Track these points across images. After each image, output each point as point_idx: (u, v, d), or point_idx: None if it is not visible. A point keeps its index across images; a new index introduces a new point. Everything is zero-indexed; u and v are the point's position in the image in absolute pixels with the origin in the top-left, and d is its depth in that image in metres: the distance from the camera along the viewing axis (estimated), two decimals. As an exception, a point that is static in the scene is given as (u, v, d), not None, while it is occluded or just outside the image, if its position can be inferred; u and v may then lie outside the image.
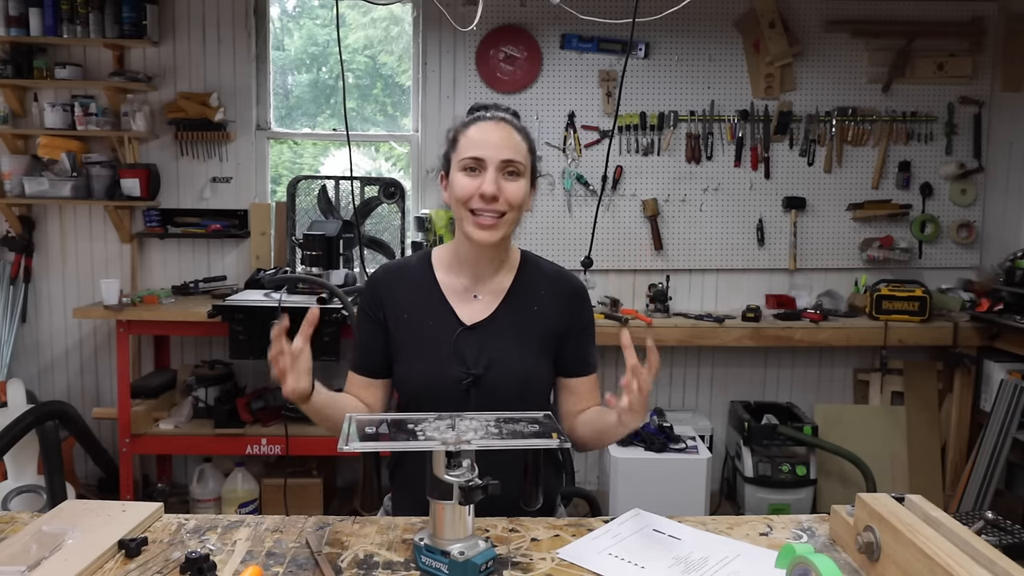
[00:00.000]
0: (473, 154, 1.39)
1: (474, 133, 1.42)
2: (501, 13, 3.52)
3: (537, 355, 1.47)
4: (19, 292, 3.56)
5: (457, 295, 1.49)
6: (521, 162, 1.41)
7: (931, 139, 3.66)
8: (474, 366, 1.42)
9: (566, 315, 1.50)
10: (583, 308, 1.53)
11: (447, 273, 1.51)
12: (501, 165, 1.39)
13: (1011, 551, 1.13)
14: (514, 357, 1.44)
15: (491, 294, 1.49)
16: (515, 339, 1.45)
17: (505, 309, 1.48)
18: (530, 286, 1.50)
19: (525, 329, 1.47)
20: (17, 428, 2.87)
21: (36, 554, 1.07)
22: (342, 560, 1.13)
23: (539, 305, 1.49)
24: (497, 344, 1.44)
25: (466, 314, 1.47)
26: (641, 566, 1.13)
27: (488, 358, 1.43)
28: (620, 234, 3.66)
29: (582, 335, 1.51)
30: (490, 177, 1.38)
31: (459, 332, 1.45)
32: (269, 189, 3.72)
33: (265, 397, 3.37)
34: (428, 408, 1.38)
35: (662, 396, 3.77)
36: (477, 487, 1.07)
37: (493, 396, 1.41)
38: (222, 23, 3.53)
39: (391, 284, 1.51)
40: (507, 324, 1.46)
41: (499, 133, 1.41)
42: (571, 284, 1.54)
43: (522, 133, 1.45)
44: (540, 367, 1.47)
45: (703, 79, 3.60)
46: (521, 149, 1.42)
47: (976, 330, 3.34)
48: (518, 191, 1.41)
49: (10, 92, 3.40)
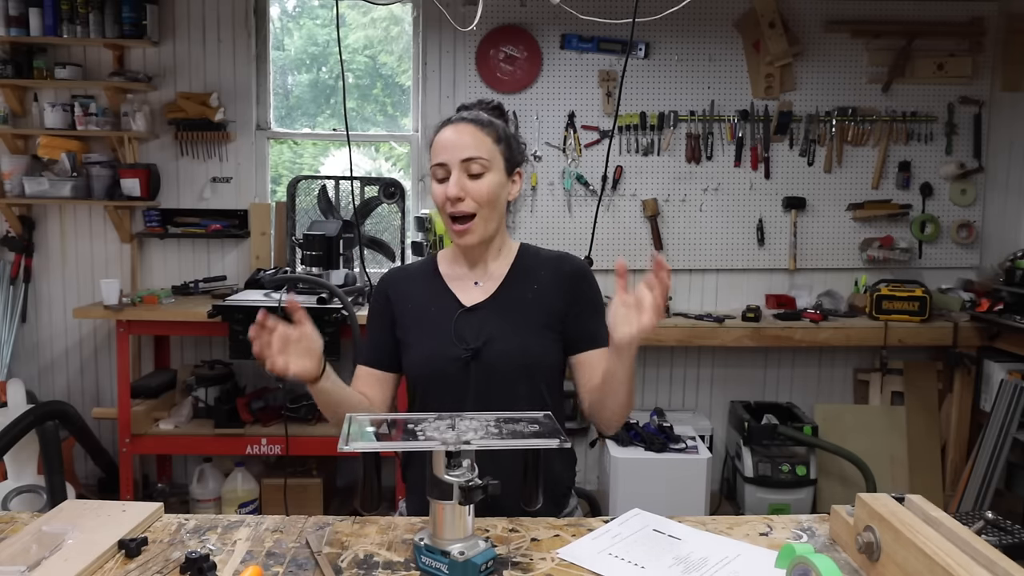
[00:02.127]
0: (437, 161, 1.44)
1: (437, 140, 1.46)
2: (501, 13, 3.52)
3: (538, 331, 1.48)
4: (19, 292, 3.56)
5: (458, 282, 1.53)
6: (483, 157, 1.42)
7: (931, 139, 3.66)
8: (474, 342, 1.45)
9: (568, 293, 1.52)
10: (586, 284, 1.54)
11: (449, 265, 1.56)
12: (462, 166, 1.42)
13: (1011, 551, 1.13)
14: (513, 333, 1.47)
15: (490, 280, 1.53)
16: (514, 317, 1.48)
17: (504, 291, 1.51)
18: (530, 269, 1.54)
19: (524, 308, 1.49)
20: (17, 428, 2.87)
21: (36, 554, 1.07)
22: (342, 560, 1.13)
23: (539, 285, 1.51)
24: (496, 322, 1.47)
25: (466, 297, 1.51)
26: (641, 566, 1.13)
27: (487, 335, 1.46)
28: (620, 234, 3.66)
29: (586, 310, 1.52)
30: (452, 179, 1.42)
31: (459, 313, 1.49)
32: (269, 189, 3.72)
33: (265, 397, 3.37)
34: (433, 388, 1.44)
35: (662, 396, 3.77)
36: (477, 487, 1.07)
37: (493, 372, 1.43)
38: (222, 23, 3.53)
39: (398, 281, 1.57)
40: (506, 304, 1.50)
41: (457, 134, 1.44)
42: (572, 264, 1.56)
43: (486, 128, 1.45)
44: (541, 344, 1.48)
45: (703, 79, 3.60)
46: (483, 144, 1.43)
47: (976, 330, 3.34)
48: (483, 187, 1.43)
49: (10, 92, 3.40)
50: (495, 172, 1.44)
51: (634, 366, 1.34)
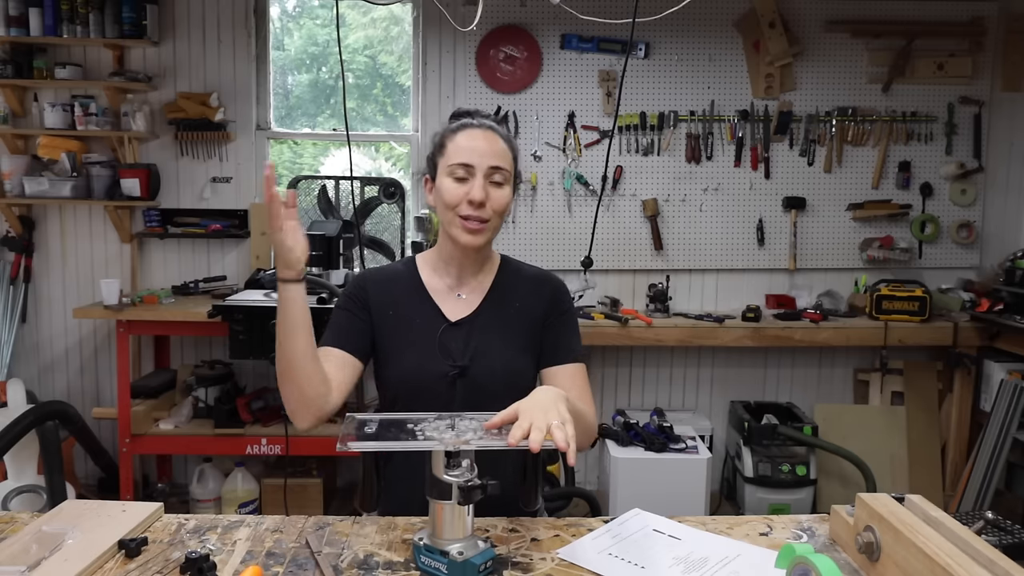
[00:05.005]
0: (462, 160, 1.42)
1: (462, 140, 1.44)
2: (501, 13, 3.52)
3: (521, 349, 1.49)
4: (19, 292, 3.56)
5: (441, 294, 1.52)
6: (507, 169, 1.45)
7: (931, 139, 3.66)
8: (460, 358, 1.45)
9: (546, 306, 1.53)
10: (562, 298, 1.56)
11: (431, 274, 1.55)
12: (489, 172, 1.42)
13: (1011, 551, 1.13)
14: (499, 350, 1.47)
15: (474, 292, 1.53)
16: (499, 333, 1.48)
17: (488, 306, 1.51)
18: (512, 285, 1.54)
19: (508, 324, 1.50)
20: (17, 428, 2.87)
21: (36, 554, 1.07)
22: (342, 560, 1.13)
23: (520, 302, 1.52)
24: (481, 338, 1.47)
25: (451, 311, 1.50)
26: (641, 566, 1.13)
27: (473, 350, 1.45)
28: (620, 234, 3.66)
29: (559, 322, 1.53)
30: (478, 184, 1.41)
31: (444, 328, 1.48)
32: (269, 189, 3.71)
33: (265, 397, 3.37)
34: (417, 402, 1.38)
35: (662, 396, 3.77)
36: (476, 487, 1.07)
37: (479, 389, 1.43)
38: (222, 23, 3.53)
39: (378, 282, 1.54)
40: (490, 319, 1.50)
41: (487, 141, 1.44)
42: (551, 281, 1.58)
43: (507, 141, 1.48)
44: (524, 361, 1.49)
45: (703, 79, 3.60)
46: (507, 157, 1.46)
47: (976, 330, 3.34)
48: (503, 198, 1.44)
49: (10, 92, 3.40)
50: (509, 185, 1.47)
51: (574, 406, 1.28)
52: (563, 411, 1.13)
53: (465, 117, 1.49)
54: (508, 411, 1.14)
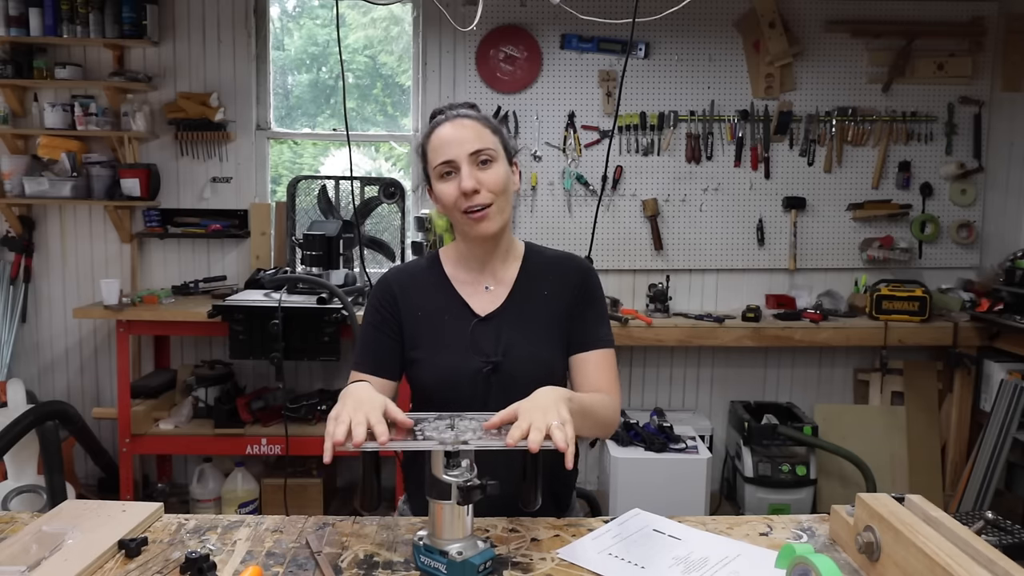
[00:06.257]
0: (442, 159, 1.41)
1: (436, 139, 1.43)
2: (501, 13, 3.52)
3: (551, 339, 1.47)
4: (19, 292, 3.56)
5: (468, 288, 1.51)
6: (490, 147, 1.42)
7: (931, 139, 3.66)
8: (493, 354, 1.43)
9: (575, 292, 1.51)
10: (590, 283, 1.53)
11: (456, 268, 1.53)
12: (471, 158, 1.40)
13: (1011, 551, 1.13)
14: (531, 341, 1.45)
15: (501, 284, 1.51)
16: (529, 324, 1.47)
17: (516, 297, 1.49)
18: (538, 272, 1.52)
19: (538, 314, 1.48)
20: (17, 428, 2.87)
21: (36, 554, 1.07)
22: (342, 560, 1.13)
23: (548, 290, 1.50)
24: (512, 331, 1.46)
25: (479, 305, 1.48)
26: (641, 566, 1.13)
27: (505, 344, 1.44)
28: (620, 234, 3.66)
29: (588, 309, 1.51)
30: (465, 173, 1.39)
31: (475, 323, 1.46)
32: (269, 189, 3.72)
33: (265, 397, 3.37)
34: (450, 403, 1.35)
35: (662, 396, 3.77)
36: (475, 487, 1.06)
37: (513, 382, 1.40)
38: (222, 23, 3.53)
39: (403, 283, 1.52)
40: (520, 311, 1.48)
41: (458, 130, 1.42)
42: (578, 264, 1.55)
43: (482, 120, 1.45)
44: (555, 350, 1.48)
45: (703, 79, 3.60)
46: (485, 136, 1.43)
47: (976, 330, 3.34)
48: (495, 176, 1.41)
49: (10, 92, 3.40)
50: (501, 161, 1.44)
51: (585, 406, 1.30)
52: (563, 412, 1.12)
53: (437, 116, 1.48)
54: (507, 411, 1.14)
